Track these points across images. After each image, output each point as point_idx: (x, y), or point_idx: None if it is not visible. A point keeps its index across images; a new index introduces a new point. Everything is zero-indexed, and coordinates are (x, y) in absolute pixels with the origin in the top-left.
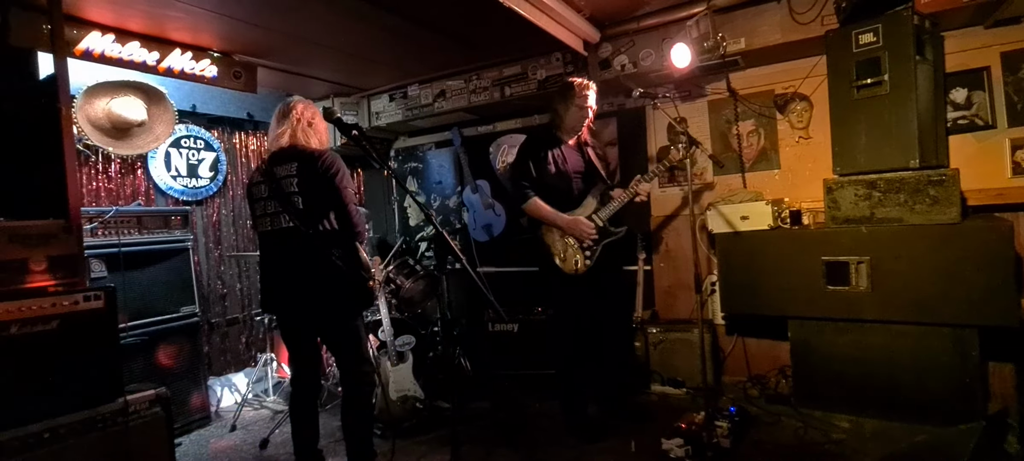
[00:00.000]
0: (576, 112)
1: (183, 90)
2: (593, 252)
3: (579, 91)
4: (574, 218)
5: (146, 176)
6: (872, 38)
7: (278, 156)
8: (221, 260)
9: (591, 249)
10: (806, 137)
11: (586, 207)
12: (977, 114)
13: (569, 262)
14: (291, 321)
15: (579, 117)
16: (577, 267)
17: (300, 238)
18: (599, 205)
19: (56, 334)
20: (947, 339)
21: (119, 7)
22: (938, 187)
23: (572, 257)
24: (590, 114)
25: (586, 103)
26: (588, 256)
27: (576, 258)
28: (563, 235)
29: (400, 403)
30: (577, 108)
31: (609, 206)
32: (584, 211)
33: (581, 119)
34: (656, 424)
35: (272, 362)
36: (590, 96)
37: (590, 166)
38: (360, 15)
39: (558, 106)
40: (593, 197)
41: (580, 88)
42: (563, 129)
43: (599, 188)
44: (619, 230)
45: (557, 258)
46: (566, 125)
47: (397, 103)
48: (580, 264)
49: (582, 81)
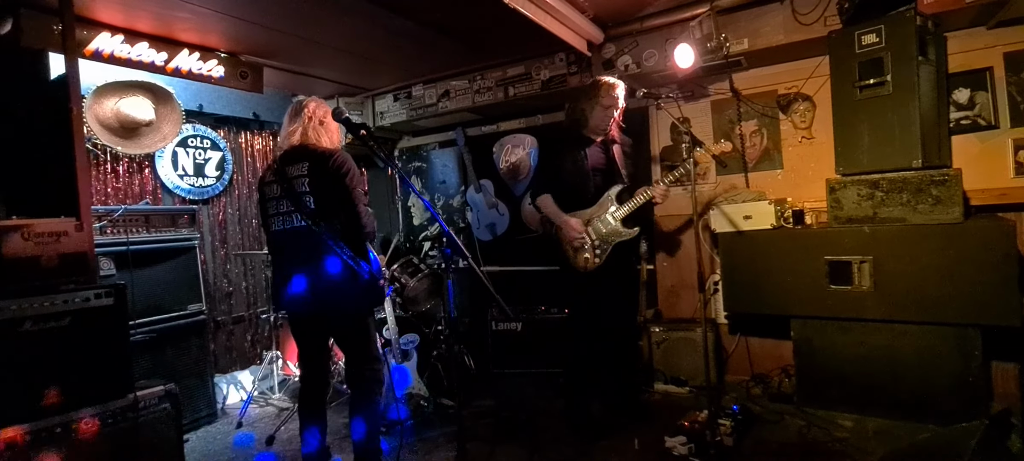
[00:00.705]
0: (601, 112)
1: (190, 90)
2: (603, 251)
3: (606, 91)
4: (566, 220)
5: (153, 175)
6: (875, 39)
7: (289, 155)
8: (227, 258)
9: (601, 248)
10: (809, 137)
11: (601, 205)
12: (980, 114)
13: (578, 259)
14: (302, 319)
15: (604, 117)
16: (586, 265)
17: (311, 237)
18: (616, 204)
19: (68, 330)
20: (950, 339)
21: (129, 8)
22: (941, 187)
23: (582, 255)
24: (616, 113)
25: (611, 103)
26: (597, 254)
27: (585, 256)
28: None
29: (405, 401)
30: (602, 108)
31: (625, 205)
32: (599, 209)
33: (606, 119)
34: (659, 422)
35: (277, 359)
36: (618, 95)
37: (611, 164)
38: (367, 17)
39: (584, 105)
40: (610, 195)
41: (606, 88)
42: (589, 128)
43: (617, 187)
44: (631, 230)
45: (569, 256)
46: (592, 125)
47: (401, 103)
48: (589, 262)
49: (609, 80)
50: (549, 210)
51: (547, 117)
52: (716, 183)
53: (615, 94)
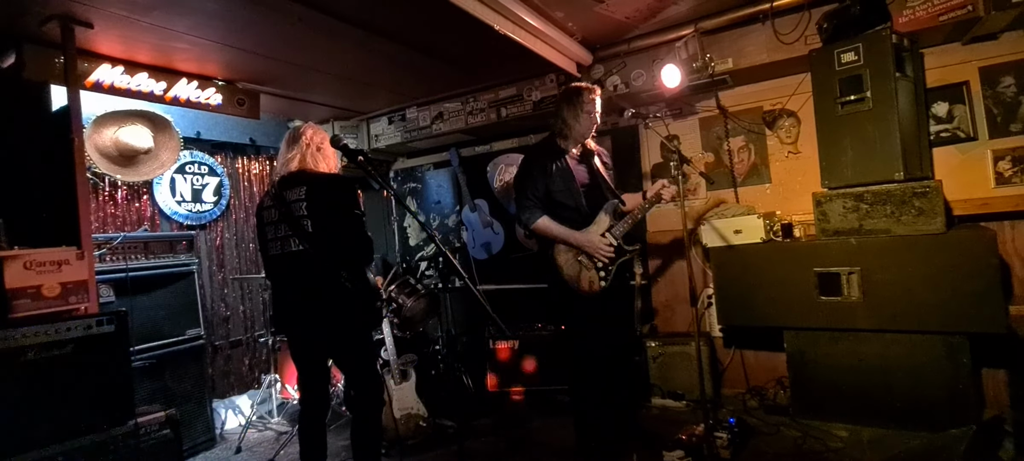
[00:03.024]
0: (586, 119)
1: (188, 117)
2: (608, 271)
3: (588, 96)
4: (589, 236)
5: (152, 202)
6: (854, 57)
7: (287, 180)
8: (225, 283)
9: (606, 269)
10: (795, 152)
11: (599, 224)
12: (958, 127)
13: (583, 282)
14: (301, 342)
15: (589, 124)
16: (592, 287)
17: (309, 261)
18: (613, 221)
19: (70, 358)
20: (938, 347)
21: (129, 40)
22: (923, 199)
23: (586, 277)
24: (598, 120)
25: (595, 109)
26: (603, 275)
27: (590, 278)
28: (577, 254)
29: (404, 421)
30: (586, 115)
31: (623, 222)
32: (598, 228)
33: (590, 126)
34: (657, 437)
35: (276, 383)
36: (598, 101)
37: (595, 178)
38: (361, 44)
39: (567, 115)
40: (606, 213)
41: (589, 93)
42: (571, 138)
43: (611, 204)
44: (634, 248)
45: (568, 278)
46: (575, 133)
47: (396, 125)
48: (595, 284)
49: (590, 86)
50: (556, 232)
51: (539, 137)
52: (706, 198)
53: (595, 99)
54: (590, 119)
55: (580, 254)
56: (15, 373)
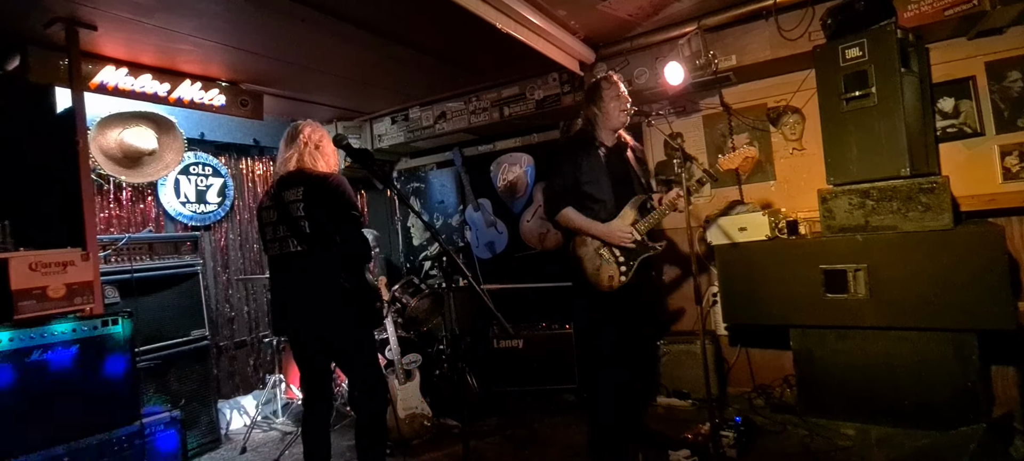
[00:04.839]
0: (613, 106)
1: (192, 119)
2: (630, 267)
3: (607, 84)
4: (609, 227)
5: (156, 203)
6: (858, 52)
7: (286, 180)
8: (229, 284)
9: (628, 264)
10: (800, 149)
11: (624, 217)
12: (965, 122)
13: (603, 277)
14: (303, 344)
15: (618, 110)
16: (611, 283)
17: (308, 261)
18: (638, 216)
19: (76, 359)
20: (947, 344)
21: (133, 43)
22: (929, 195)
23: (606, 272)
24: (629, 105)
25: (620, 92)
26: (624, 271)
27: (610, 273)
28: (598, 248)
29: (409, 421)
30: (614, 99)
31: (649, 217)
32: (622, 221)
33: (620, 112)
34: (663, 436)
35: (280, 384)
36: (621, 85)
37: (627, 172)
38: (364, 45)
39: (595, 108)
40: (632, 207)
41: (606, 81)
42: (604, 128)
43: (638, 198)
44: (658, 245)
45: (590, 273)
46: (609, 124)
47: (399, 125)
48: (615, 279)
49: (607, 74)
50: (579, 223)
51: (542, 135)
52: (710, 196)
53: (617, 82)
54: (618, 104)
55: (602, 248)
56: (21, 374)
